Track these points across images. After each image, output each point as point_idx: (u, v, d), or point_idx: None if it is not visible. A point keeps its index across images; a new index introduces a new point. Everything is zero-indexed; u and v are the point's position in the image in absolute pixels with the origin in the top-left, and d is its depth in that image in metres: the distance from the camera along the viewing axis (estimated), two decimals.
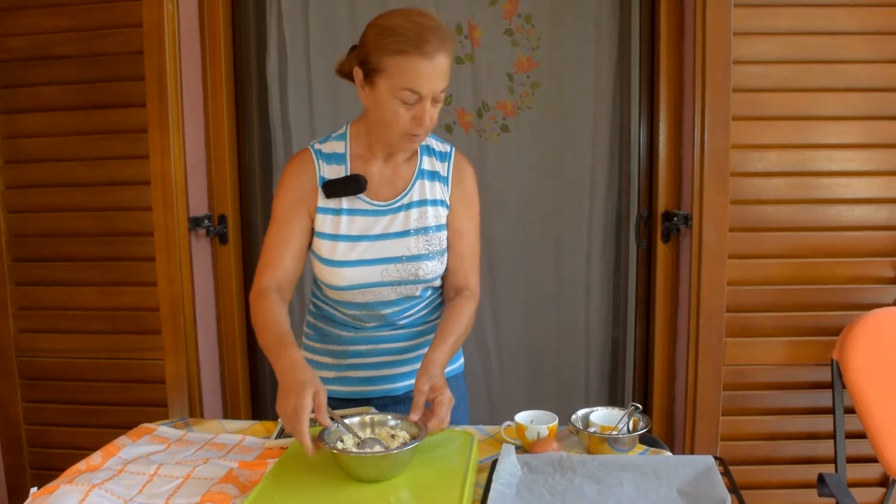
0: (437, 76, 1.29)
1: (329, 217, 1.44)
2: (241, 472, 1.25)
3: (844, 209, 2.00)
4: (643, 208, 2.34)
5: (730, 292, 2.02)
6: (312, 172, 1.45)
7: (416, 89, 1.29)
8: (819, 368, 2.02)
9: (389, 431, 1.26)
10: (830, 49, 1.96)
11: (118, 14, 2.08)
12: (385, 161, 1.47)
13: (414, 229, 1.44)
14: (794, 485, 2.07)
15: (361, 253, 1.43)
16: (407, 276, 1.45)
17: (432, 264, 1.45)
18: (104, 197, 2.16)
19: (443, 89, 1.32)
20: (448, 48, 1.30)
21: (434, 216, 1.46)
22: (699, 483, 1.15)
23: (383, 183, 1.46)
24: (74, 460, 1.32)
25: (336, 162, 1.45)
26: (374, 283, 1.44)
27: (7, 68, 2.16)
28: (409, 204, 1.45)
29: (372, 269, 1.43)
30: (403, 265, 1.44)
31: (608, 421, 1.36)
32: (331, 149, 1.47)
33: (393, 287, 1.46)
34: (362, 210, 1.44)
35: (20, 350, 2.26)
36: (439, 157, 1.49)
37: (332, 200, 1.43)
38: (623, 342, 2.66)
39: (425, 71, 1.28)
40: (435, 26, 1.30)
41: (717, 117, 1.96)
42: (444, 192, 1.48)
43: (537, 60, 2.57)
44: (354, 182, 1.42)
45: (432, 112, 1.33)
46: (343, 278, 1.44)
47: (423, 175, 1.47)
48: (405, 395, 1.56)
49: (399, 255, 1.43)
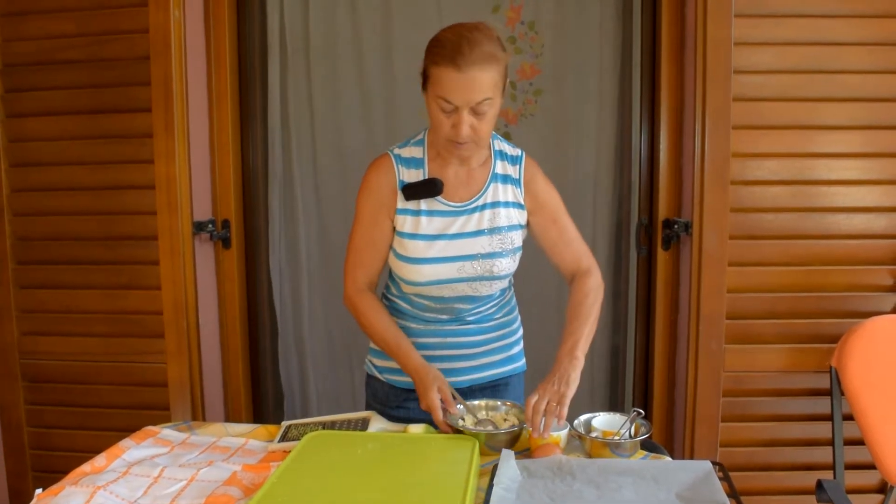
0: (469, 89, 1.36)
1: (409, 218, 1.53)
2: (244, 474, 1.26)
3: (843, 218, 2.02)
4: (644, 215, 2.35)
5: (729, 299, 2.03)
6: (392, 176, 1.54)
7: (448, 99, 1.38)
8: (818, 375, 2.03)
9: (503, 416, 1.48)
10: (830, 59, 1.97)
11: (125, 19, 2.10)
12: (461, 165, 1.55)
13: (487, 229, 1.53)
14: (793, 491, 2.08)
15: (440, 251, 1.52)
16: (483, 273, 1.54)
17: (505, 261, 1.55)
18: (109, 201, 2.17)
19: (480, 101, 1.37)
20: (488, 62, 1.36)
21: (506, 217, 1.55)
22: (698, 488, 1.16)
23: (459, 185, 1.55)
24: (77, 463, 1.33)
25: (414, 166, 1.55)
26: (451, 279, 1.54)
27: (14, 72, 2.17)
28: (484, 205, 1.54)
29: (449, 266, 1.52)
30: (479, 262, 1.53)
31: (610, 426, 1.37)
32: (409, 153, 1.56)
33: (468, 283, 1.55)
34: (440, 211, 1.53)
35: (23, 353, 2.27)
36: (511, 161, 1.58)
37: (412, 202, 1.53)
38: (623, 348, 2.67)
39: (456, 82, 1.36)
40: (476, 39, 1.37)
41: (717, 126, 1.97)
42: (518, 195, 1.57)
43: (540, 67, 2.58)
44: (432, 185, 1.52)
45: (474, 122, 1.40)
46: (422, 274, 1.53)
47: (496, 178, 1.56)
48: (468, 388, 1.64)
49: (475, 252, 1.53)
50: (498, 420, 1.46)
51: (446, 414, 1.42)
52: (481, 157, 1.56)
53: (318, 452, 1.30)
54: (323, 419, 1.51)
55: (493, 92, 1.39)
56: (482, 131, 1.42)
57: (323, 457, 1.29)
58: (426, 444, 1.34)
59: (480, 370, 1.65)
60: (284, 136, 2.72)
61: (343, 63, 2.66)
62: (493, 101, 1.40)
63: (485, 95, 1.37)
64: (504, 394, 1.66)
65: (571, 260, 1.60)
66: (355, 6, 2.63)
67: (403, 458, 1.29)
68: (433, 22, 2.56)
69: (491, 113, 1.42)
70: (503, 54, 1.42)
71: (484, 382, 1.66)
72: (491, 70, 1.37)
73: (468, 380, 1.64)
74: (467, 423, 1.43)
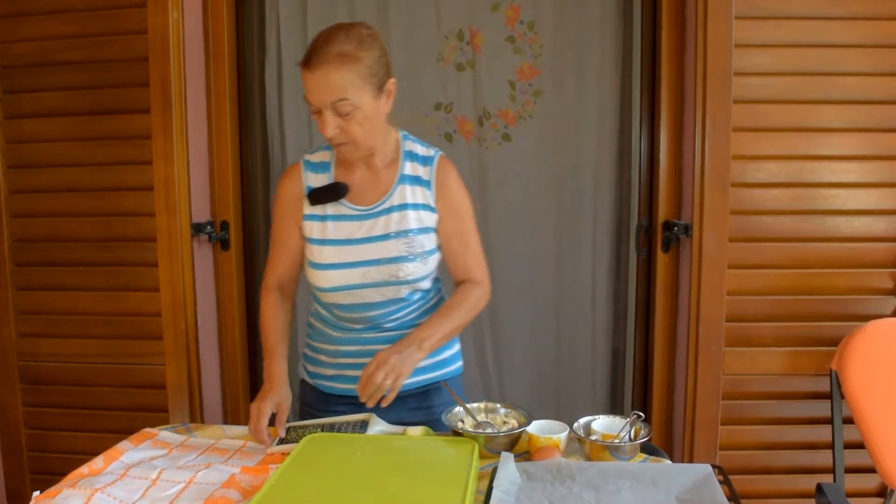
0: (321, 88, 1.36)
1: (316, 223, 1.53)
2: (242, 477, 1.26)
3: (843, 220, 2.02)
4: (643, 217, 2.35)
5: (729, 302, 2.02)
6: (299, 183, 1.56)
7: (307, 99, 1.39)
8: (818, 378, 2.02)
9: (502, 418, 1.46)
10: (830, 61, 1.97)
11: (123, 21, 2.09)
12: (367, 168, 1.54)
13: (394, 232, 1.50)
14: (793, 494, 2.07)
15: (345, 256, 1.51)
16: (388, 278, 1.51)
17: (412, 266, 1.51)
18: (107, 202, 2.17)
19: (336, 102, 1.36)
20: (339, 62, 1.34)
21: (416, 219, 1.52)
22: (697, 491, 1.15)
23: (365, 188, 1.53)
24: (74, 465, 1.32)
25: (322, 171, 1.56)
26: (357, 284, 1.51)
27: (12, 74, 2.17)
28: (391, 208, 1.52)
29: (354, 271, 1.50)
30: (384, 267, 1.50)
31: (610, 429, 1.37)
32: (318, 158, 1.58)
33: (376, 289, 1.52)
34: (346, 215, 1.53)
35: (21, 354, 2.26)
36: (422, 162, 1.55)
37: (318, 207, 1.53)
38: (623, 351, 2.67)
39: (309, 82, 1.37)
40: (333, 38, 1.36)
41: (717, 128, 1.97)
42: (428, 196, 1.53)
43: (540, 68, 2.57)
44: (334, 189, 1.52)
45: (341, 123, 1.39)
46: (327, 280, 1.52)
47: (404, 180, 1.53)
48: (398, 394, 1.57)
49: (380, 257, 1.49)
50: (497, 422, 1.46)
51: (264, 429, 1.41)
52: (386, 157, 1.54)
53: (316, 455, 1.30)
54: (322, 421, 1.51)
55: (351, 92, 1.36)
56: (353, 133, 1.41)
57: (322, 459, 1.29)
58: (425, 446, 1.34)
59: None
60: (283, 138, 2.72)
61: None
62: (355, 101, 1.37)
63: (339, 96, 1.36)
64: (434, 399, 1.62)
65: (464, 271, 1.58)
66: (353, 7, 2.63)
67: (402, 460, 1.28)
68: (430, 23, 2.56)
69: (360, 114, 1.39)
70: (366, 53, 1.38)
71: (411, 388, 1.60)
72: (345, 70, 1.35)
73: None
74: (466, 426, 1.43)
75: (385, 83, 1.43)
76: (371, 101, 1.40)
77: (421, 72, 2.58)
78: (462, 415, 1.46)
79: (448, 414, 1.45)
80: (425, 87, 2.59)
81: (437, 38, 2.56)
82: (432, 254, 1.54)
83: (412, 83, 2.58)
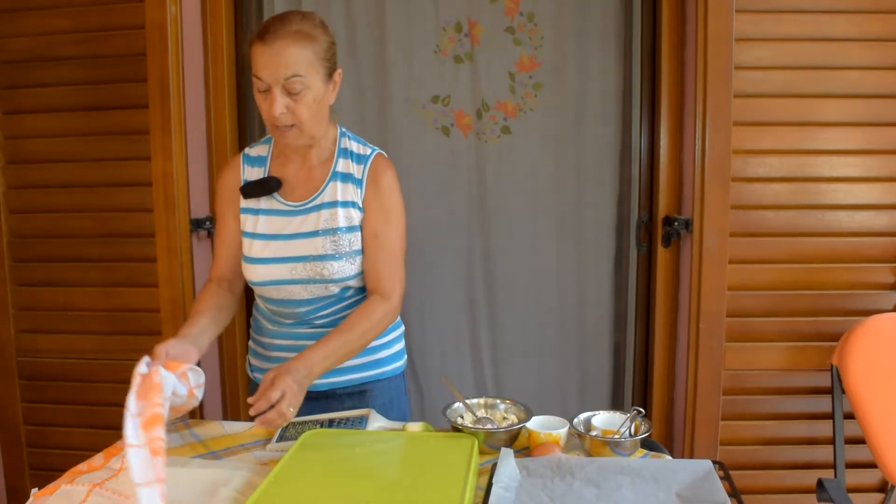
0: (276, 63, 1.35)
1: (250, 217, 1.53)
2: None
3: (844, 215, 2.01)
4: (643, 212, 2.34)
5: (730, 297, 2.02)
6: (237, 176, 1.56)
7: (258, 75, 1.37)
8: (818, 374, 2.02)
9: (502, 414, 1.46)
10: (831, 55, 1.96)
11: (121, 15, 2.08)
12: (301, 162, 1.53)
13: (322, 230, 1.49)
14: (794, 490, 2.07)
15: (274, 251, 1.50)
16: (314, 275, 1.49)
17: (338, 265, 1.49)
18: (106, 198, 2.16)
19: (290, 77, 1.35)
20: (297, 38, 1.35)
21: (344, 217, 1.50)
22: (698, 488, 1.15)
23: (298, 184, 1.53)
24: (74, 461, 1.32)
25: (258, 164, 1.56)
26: (284, 280, 1.50)
27: (9, 69, 2.16)
28: (321, 205, 1.50)
29: (281, 266, 1.50)
30: (311, 264, 1.49)
31: (610, 425, 1.36)
32: (257, 152, 1.57)
33: (303, 285, 1.51)
34: (278, 210, 1.52)
35: (20, 350, 2.26)
36: (356, 160, 1.53)
37: (252, 201, 1.53)
38: (623, 346, 2.66)
39: (262, 56, 1.35)
40: (289, 18, 1.37)
41: (718, 122, 1.96)
42: (357, 195, 1.51)
43: (540, 60, 2.55)
44: (266, 184, 1.52)
45: (289, 102, 1.38)
46: (256, 274, 1.52)
47: (336, 177, 1.52)
48: (327, 391, 1.59)
49: (307, 254, 1.49)
50: (497, 418, 1.45)
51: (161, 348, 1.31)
52: (323, 153, 1.53)
53: (315, 451, 1.29)
54: (321, 417, 1.50)
55: (305, 69, 1.36)
56: (300, 114, 1.39)
57: (321, 455, 1.28)
58: (425, 442, 1.33)
59: (337, 374, 1.55)
60: None
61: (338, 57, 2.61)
62: (307, 80, 1.37)
63: (293, 71, 1.35)
64: (370, 399, 1.60)
65: (374, 278, 1.51)
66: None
67: (402, 456, 1.28)
68: (428, 14, 2.53)
69: (309, 96, 1.39)
70: (323, 37, 1.40)
71: (346, 386, 1.59)
72: (300, 47, 1.35)
73: (326, 383, 1.56)
74: (466, 422, 1.42)
75: (334, 71, 1.45)
76: (321, 84, 1.41)
77: (418, 64, 2.55)
78: (462, 410, 1.46)
79: (451, 410, 1.44)
80: (422, 80, 2.56)
81: (435, 30, 2.53)
82: (359, 254, 1.51)
83: (408, 75, 2.55)
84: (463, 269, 2.66)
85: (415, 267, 2.64)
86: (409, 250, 2.60)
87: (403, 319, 2.65)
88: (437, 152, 2.59)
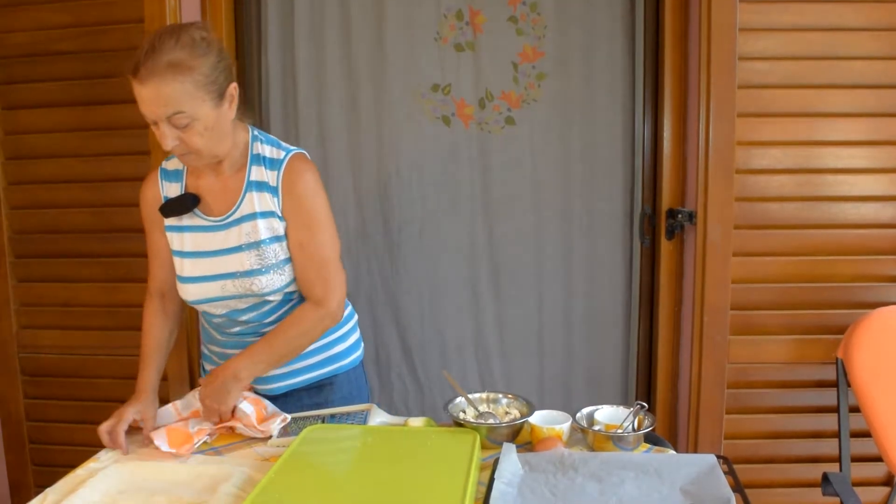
0: (153, 101, 1.26)
1: (175, 235, 1.48)
2: None
3: (850, 206, 1.99)
4: (647, 205, 2.32)
5: (734, 290, 2.00)
6: (157, 191, 1.50)
7: (141, 111, 1.29)
8: (824, 367, 2.00)
9: (504, 408, 1.45)
10: (837, 45, 1.94)
11: (119, 10, 2.07)
12: (215, 175, 1.46)
13: (246, 244, 1.43)
14: (799, 484, 2.06)
15: (202, 269, 1.46)
16: (244, 291, 1.44)
17: (266, 279, 1.44)
18: (105, 193, 2.15)
19: (171, 115, 1.27)
20: (170, 72, 1.25)
21: (267, 228, 1.43)
22: (702, 482, 1.14)
23: (215, 198, 1.46)
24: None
25: (175, 179, 1.49)
26: (217, 297, 1.47)
27: (8, 64, 2.15)
28: (241, 219, 1.44)
29: (212, 284, 1.45)
30: (239, 280, 1.44)
31: (613, 419, 1.35)
32: (173, 166, 1.50)
33: (238, 299, 1.47)
34: (201, 227, 1.46)
35: (22, 346, 2.26)
36: (269, 166, 1.44)
37: (174, 219, 1.47)
38: (626, 339, 2.65)
39: (140, 94, 1.27)
40: (161, 47, 1.25)
41: (722, 114, 1.94)
42: (274, 204, 1.43)
43: (543, 50, 2.52)
44: (183, 202, 1.45)
45: (180, 134, 1.30)
46: (189, 293, 1.48)
47: (251, 187, 1.44)
48: (285, 394, 1.56)
49: (234, 270, 1.44)
50: (499, 413, 1.44)
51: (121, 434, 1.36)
52: (235, 163, 1.44)
53: (316, 446, 1.29)
54: (322, 412, 1.50)
55: (186, 104, 1.27)
56: (195, 143, 1.32)
57: (322, 450, 1.28)
58: (426, 437, 1.33)
59: (294, 375, 1.55)
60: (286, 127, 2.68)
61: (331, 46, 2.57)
62: (191, 112, 1.28)
63: (174, 109, 1.27)
64: (330, 393, 1.58)
65: (305, 286, 1.47)
66: None
67: (404, 451, 1.27)
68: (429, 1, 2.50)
69: (199, 125, 1.30)
70: (200, 60, 1.28)
71: (304, 385, 1.57)
72: (176, 81, 1.25)
73: (283, 386, 1.55)
74: (468, 416, 1.41)
75: (226, 89, 1.35)
76: (211, 110, 1.31)
77: (417, 51, 2.52)
78: (464, 405, 1.45)
79: (453, 405, 1.43)
80: (422, 68, 2.53)
81: (436, 17, 2.50)
82: (288, 262, 1.46)
83: (408, 63, 2.52)
84: (465, 262, 2.64)
85: (416, 260, 2.63)
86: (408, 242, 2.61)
87: (404, 314, 2.67)
88: (437, 143, 2.56)
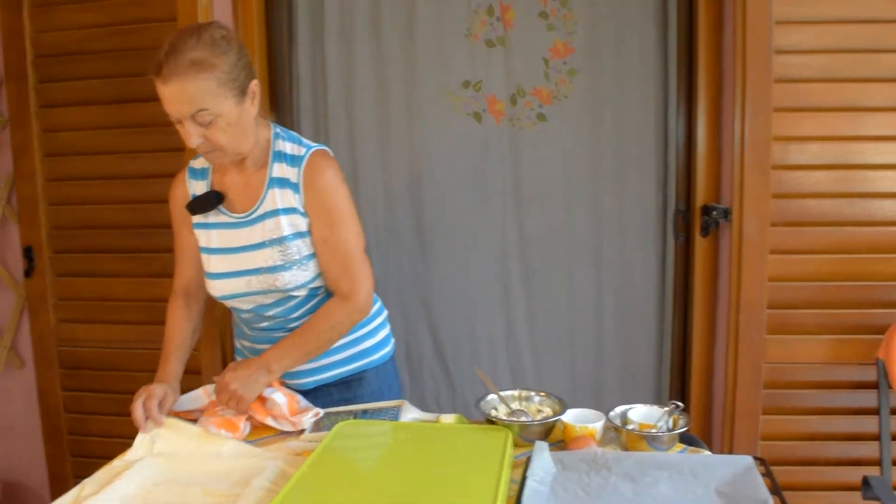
0: (177, 101, 1.29)
1: (203, 232, 1.51)
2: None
3: (890, 203, 1.94)
4: (681, 201, 2.29)
5: (771, 288, 1.97)
6: (185, 190, 1.54)
7: (165, 110, 1.32)
8: (863, 367, 1.96)
9: (536, 406, 1.45)
10: (875, 37, 1.89)
11: (152, 8, 2.10)
12: (239, 172, 1.49)
13: (269, 240, 1.45)
14: (838, 487, 2.02)
15: (228, 265, 1.49)
16: (268, 287, 1.47)
17: (289, 275, 1.45)
18: (141, 189, 2.19)
19: (195, 113, 1.30)
20: (192, 71, 1.27)
21: (289, 225, 1.45)
22: (738, 484, 1.12)
23: (239, 194, 1.49)
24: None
25: (202, 177, 1.53)
26: (243, 293, 1.49)
27: (44, 63, 2.20)
28: (264, 215, 1.46)
29: (237, 280, 1.48)
30: (263, 276, 1.46)
31: (647, 419, 1.34)
32: (200, 165, 1.54)
33: (263, 295, 1.49)
34: (226, 223, 1.49)
35: (60, 340, 2.31)
36: (290, 163, 1.46)
37: (200, 216, 1.51)
38: (660, 337, 2.62)
39: (163, 93, 1.30)
40: (182, 46, 1.27)
41: (757, 108, 1.91)
42: (297, 200, 1.45)
43: (574, 46, 2.50)
44: (208, 199, 1.49)
45: (204, 132, 1.33)
46: (215, 289, 1.52)
47: (273, 184, 1.46)
48: (314, 389, 1.58)
49: (257, 266, 1.46)
50: (532, 411, 1.43)
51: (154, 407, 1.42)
52: (258, 160, 1.47)
53: (349, 441, 1.29)
54: (354, 407, 1.51)
55: (209, 101, 1.29)
56: (219, 140, 1.34)
57: (354, 446, 1.28)
58: (458, 434, 1.33)
59: (324, 370, 1.57)
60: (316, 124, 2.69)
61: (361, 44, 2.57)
62: (215, 109, 1.30)
63: (197, 106, 1.29)
64: (358, 389, 1.60)
65: (332, 281, 1.49)
66: None
67: (435, 448, 1.27)
68: None
69: (222, 122, 1.32)
70: (221, 58, 1.30)
71: (333, 381, 1.59)
72: (199, 79, 1.27)
73: (312, 381, 1.57)
74: (500, 414, 1.41)
75: (248, 86, 1.36)
76: (233, 107, 1.34)
77: (448, 48, 2.51)
78: (496, 402, 1.44)
79: (485, 402, 1.43)
80: (452, 64, 2.52)
81: (466, 13, 2.49)
82: (312, 258, 1.48)
83: (438, 59, 2.51)
84: (496, 259, 2.63)
85: (446, 257, 2.63)
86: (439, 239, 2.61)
87: (435, 311, 2.67)
88: (468, 139, 2.55)
